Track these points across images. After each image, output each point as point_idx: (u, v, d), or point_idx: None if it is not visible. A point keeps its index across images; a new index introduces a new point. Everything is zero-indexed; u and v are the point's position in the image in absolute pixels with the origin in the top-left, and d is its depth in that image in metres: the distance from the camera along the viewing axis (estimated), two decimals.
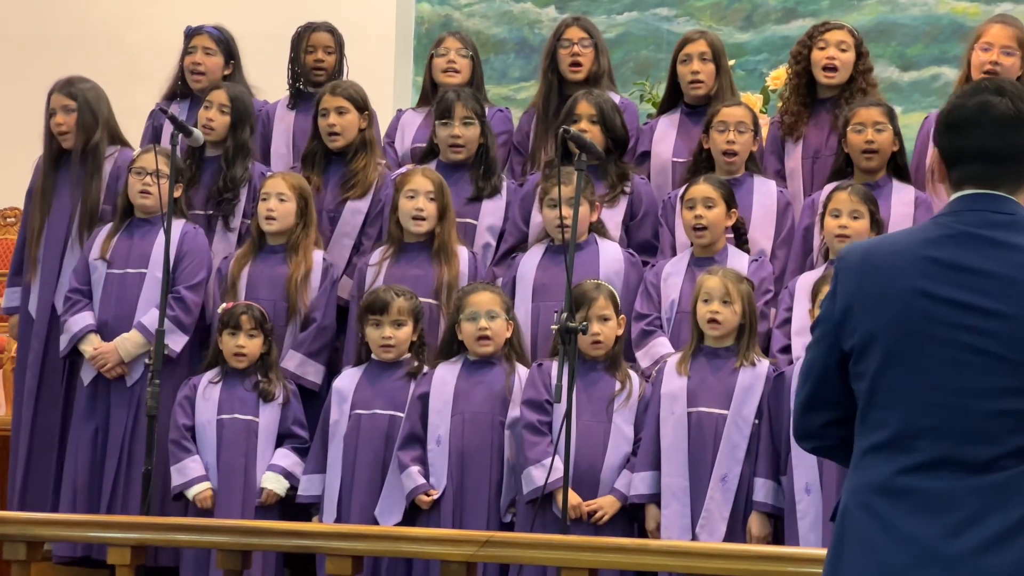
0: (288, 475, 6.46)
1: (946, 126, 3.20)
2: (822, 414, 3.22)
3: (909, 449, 3.02)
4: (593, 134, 6.70)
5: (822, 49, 6.99)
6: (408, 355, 6.44)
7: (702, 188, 6.48)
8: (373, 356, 6.46)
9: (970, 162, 3.14)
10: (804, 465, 5.83)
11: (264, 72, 7.72)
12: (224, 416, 6.49)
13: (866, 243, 3.24)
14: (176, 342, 6.71)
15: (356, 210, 7.08)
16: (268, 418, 6.52)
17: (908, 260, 3.09)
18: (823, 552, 3.21)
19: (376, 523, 6.18)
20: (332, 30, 7.64)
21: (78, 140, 7.15)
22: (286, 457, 6.49)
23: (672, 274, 6.49)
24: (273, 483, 6.45)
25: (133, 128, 7.57)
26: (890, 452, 3.04)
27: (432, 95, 7.38)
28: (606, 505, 6.05)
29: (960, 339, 3.01)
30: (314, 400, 6.70)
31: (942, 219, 3.14)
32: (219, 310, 6.66)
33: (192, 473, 6.46)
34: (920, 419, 3.02)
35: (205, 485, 6.44)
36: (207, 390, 6.54)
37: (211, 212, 7.16)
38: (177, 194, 6.73)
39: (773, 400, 5.97)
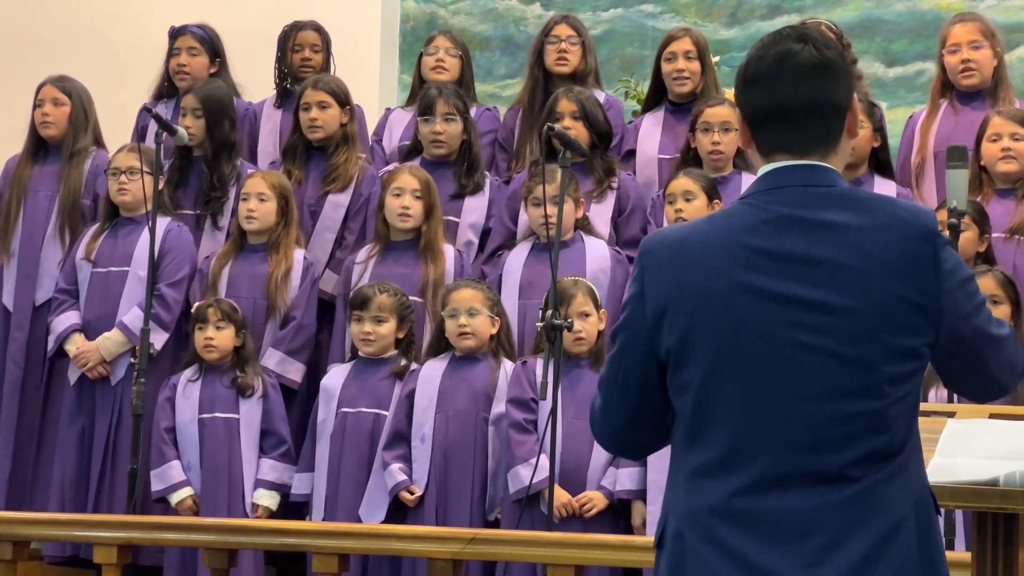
0: (278, 487, 6.48)
1: (744, 81, 2.84)
2: (650, 425, 2.85)
3: (747, 465, 2.68)
4: (577, 130, 6.69)
5: None
6: (395, 353, 6.45)
7: (681, 182, 6.50)
8: (360, 353, 6.47)
9: (772, 123, 2.80)
10: None
11: (250, 71, 7.71)
12: (205, 416, 6.49)
13: (673, 232, 2.84)
14: (156, 339, 6.69)
15: (337, 204, 7.08)
16: (249, 414, 6.51)
17: (727, 251, 2.73)
18: None
19: (361, 522, 6.19)
20: (319, 28, 7.65)
21: (67, 135, 7.18)
22: (273, 469, 6.50)
23: None
24: (266, 500, 6.46)
25: (117, 126, 7.56)
26: (726, 471, 2.69)
27: None
28: (596, 499, 6.06)
29: (794, 338, 2.68)
30: (295, 399, 6.71)
31: (755, 199, 2.78)
32: (192, 309, 6.67)
33: (172, 479, 6.46)
34: (757, 431, 2.68)
35: (186, 491, 6.44)
36: (187, 389, 6.54)
37: (199, 212, 7.17)
38: (160, 187, 6.72)
39: None
